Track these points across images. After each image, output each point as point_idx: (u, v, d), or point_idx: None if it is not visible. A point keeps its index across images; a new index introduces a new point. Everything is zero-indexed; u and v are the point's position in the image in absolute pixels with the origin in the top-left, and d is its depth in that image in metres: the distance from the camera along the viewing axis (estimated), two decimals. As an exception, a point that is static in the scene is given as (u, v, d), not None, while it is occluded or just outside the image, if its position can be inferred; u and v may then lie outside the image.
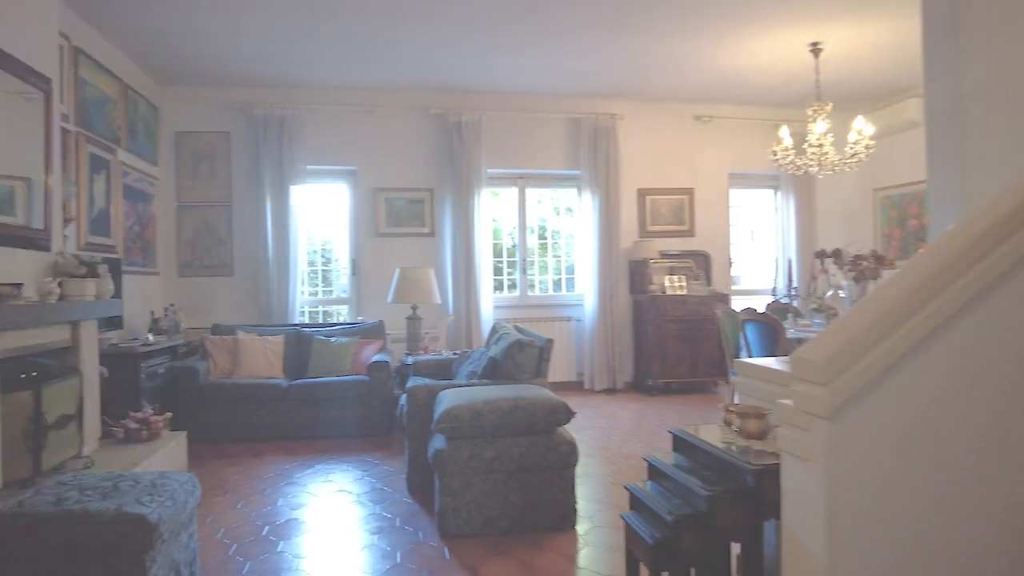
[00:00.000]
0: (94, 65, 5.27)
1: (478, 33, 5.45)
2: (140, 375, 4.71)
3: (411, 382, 4.86)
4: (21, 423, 3.18)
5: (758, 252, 8.36)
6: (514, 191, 7.43)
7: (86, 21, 5.08)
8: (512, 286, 7.46)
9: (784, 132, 5.80)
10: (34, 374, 3.42)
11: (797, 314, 5.95)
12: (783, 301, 6.93)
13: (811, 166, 5.69)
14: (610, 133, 7.27)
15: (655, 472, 2.51)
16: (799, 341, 4.78)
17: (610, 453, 4.79)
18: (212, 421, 5.28)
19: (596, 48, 5.86)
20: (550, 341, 4.18)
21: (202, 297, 6.76)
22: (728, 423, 2.49)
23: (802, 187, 7.86)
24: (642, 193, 7.55)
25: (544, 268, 7.58)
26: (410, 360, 5.63)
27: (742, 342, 5.40)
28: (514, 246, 7.48)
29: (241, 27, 5.26)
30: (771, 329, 4.77)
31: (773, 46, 5.78)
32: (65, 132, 4.77)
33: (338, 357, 5.78)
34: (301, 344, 5.97)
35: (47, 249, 3.74)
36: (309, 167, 6.79)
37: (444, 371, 5.36)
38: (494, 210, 7.37)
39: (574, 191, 7.55)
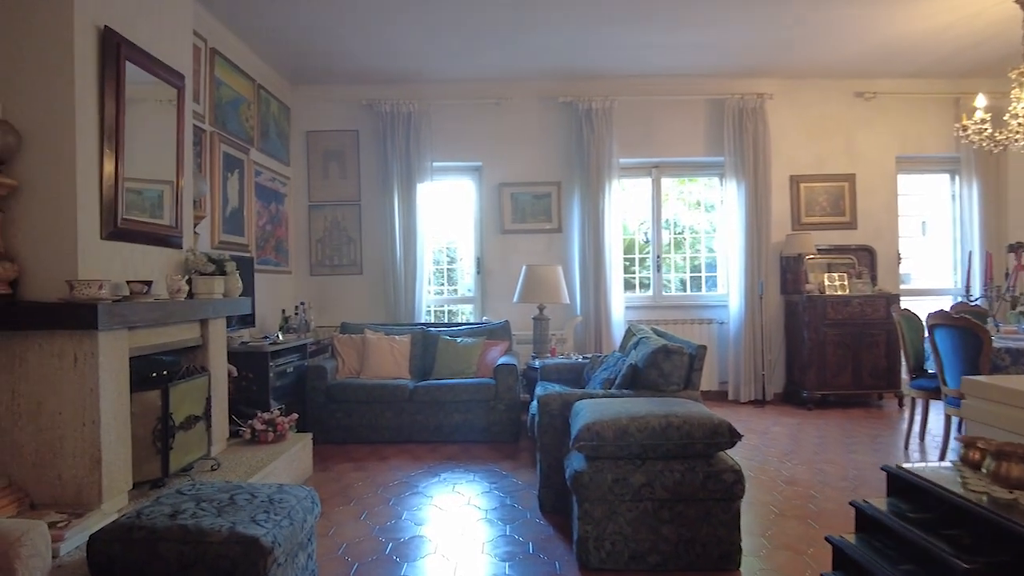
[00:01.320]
0: (229, 66, 5.32)
1: (608, 9, 4.98)
2: (269, 374, 4.66)
3: (539, 388, 4.50)
4: (150, 423, 3.10)
5: (932, 246, 7.27)
6: (647, 182, 6.87)
7: (221, 22, 5.12)
8: (644, 285, 6.91)
9: (980, 101, 4.86)
10: (164, 372, 3.36)
11: (993, 318, 5.00)
12: (973, 303, 5.91)
13: (1016, 140, 4.73)
14: (758, 114, 6.54)
15: (866, 521, 1.95)
16: (1009, 352, 3.93)
17: (768, 477, 4.16)
18: (339, 422, 5.18)
19: (740, 19, 5.21)
20: (702, 348, 3.64)
21: (332, 296, 6.76)
22: (971, 462, 1.88)
23: (988, 170, 6.72)
24: (795, 180, 6.75)
25: (679, 267, 6.96)
26: (537, 363, 5.26)
27: (928, 350, 4.57)
28: (647, 241, 6.93)
29: (367, 22, 5.11)
30: (971, 336, 3.95)
31: (956, 2, 4.88)
32: (200, 131, 4.82)
33: (464, 358, 5.52)
34: (427, 344, 5.78)
35: (178, 247, 3.70)
36: (435, 164, 6.61)
37: (574, 376, 4.95)
38: (623, 204, 6.84)
39: (715, 180, 6.89)
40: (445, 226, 6.96)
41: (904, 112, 6.80)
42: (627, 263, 6.81)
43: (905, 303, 6.22)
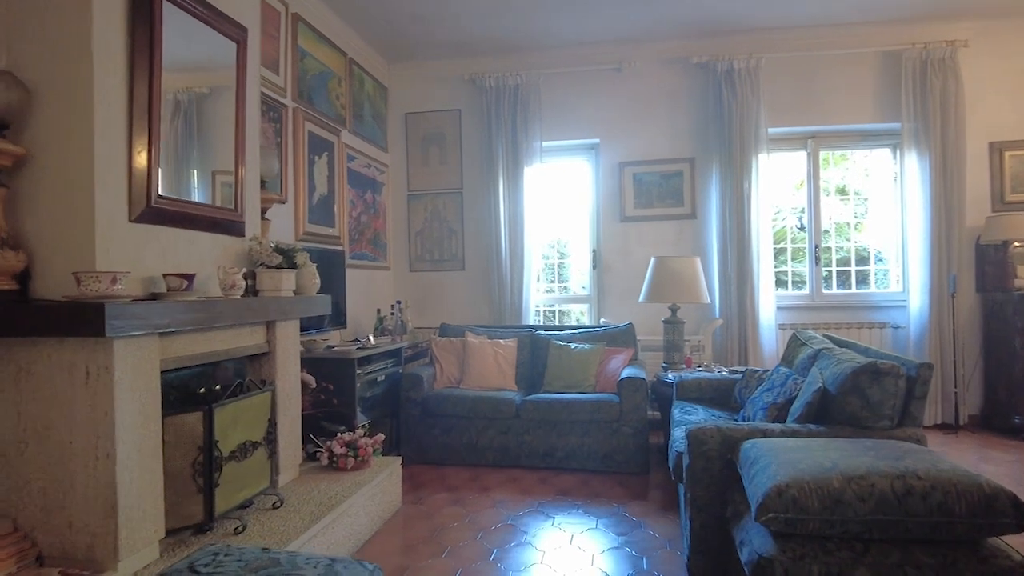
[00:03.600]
0: (315, 35, 4.73)
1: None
2: (356, 384, 4.00)
3: (677, 409, 3.56)
4: (189, 454, 2.45)
5: None
6: (802, 156, 5.69)
7: (305, -16, 4.54)
8: (797, 282, 5.73)
9: None
10: (217, 388, 2.72)
11: None
12: None
13: None
14: (947, 67, 5.21)
15: None
16: None
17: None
18: (436, 439, 4.46)
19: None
20: (926, 368, 2.55)
21: (433, 294, 6.09)
22: None
23: None
24: (996, 148, 5.34)
25: (840, 257, 5.71)
26: (671, 377, 4.29)
27: None
28: (801, 228, 5.75)
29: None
30: None
31: None
32: (281, 106, 4.24)
33: (580, 368, 4.65)
34: (536, 350, 4.96)
35: (240, 234, 3.07)
36: (545, 143, 5.78)
37: (720, 396, 3.95)
38: (774, 182, 5.70)
39: (886, 152, 5.60)
40: (557, 215, 6.10)
41: None
42: (776, 254, 5.67)
43: None
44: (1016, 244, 5.12)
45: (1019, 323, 4.86)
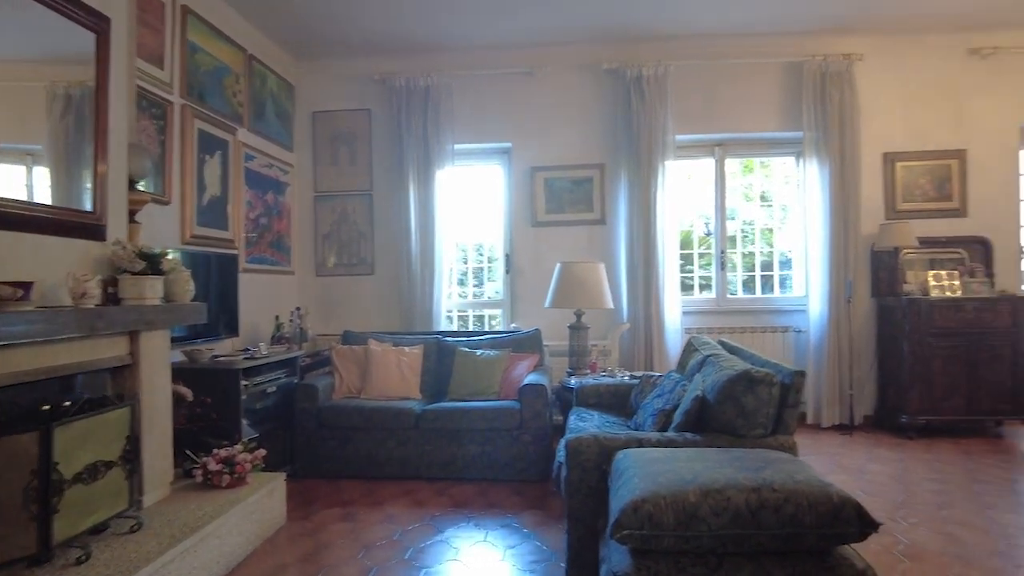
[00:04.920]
0: (208, 29, 4.50)
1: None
2: (240, 396, 3.79)
3: (574, 416, 3.53)
4: (20, 480, 2.24)
5: (1060, 238, 5.94)
6: (709, 163, 5.78)
7: (195, -26, 4.31)
8: (704, 286, 5.82)
9: None
10: (67, 404, 2.50)
11: None
12: None
13: None
14: (844, 80, 5.38)
15: None
16: None
17: (882, 546, 3.05)
18: (331, 452, 4.29)
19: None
20: (799, 375, 2.57)
21: (341, 299, 5.90)
22: None
23: None
24: (890, 159, 5.55)
25: (745, 264, 5.83)
26: (573, 382, 4.26)
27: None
28: (707, 234, 5.84)
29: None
30: None
31: None
32: (165, 103, 4.00)
33: (485, 375, 4.57)
34: (443, 357, 4.85)
35: (100, 238, 2.85)
36: (457, 146, 5.68)
37: (619, 401, 3.93)
38: (681, 189, 5.78)
39: (791, 160, 5.75)
40: (469, 218, 6.01)
41: (1029, 73, 5.53)
42: (683, 260, 5.74)
43: (1034, 308, 4.98)
44: (906, 251, 5.34)
45: (907, 327, 5.06)
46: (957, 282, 5.18)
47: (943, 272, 5.23)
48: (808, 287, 5.47)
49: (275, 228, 5.47)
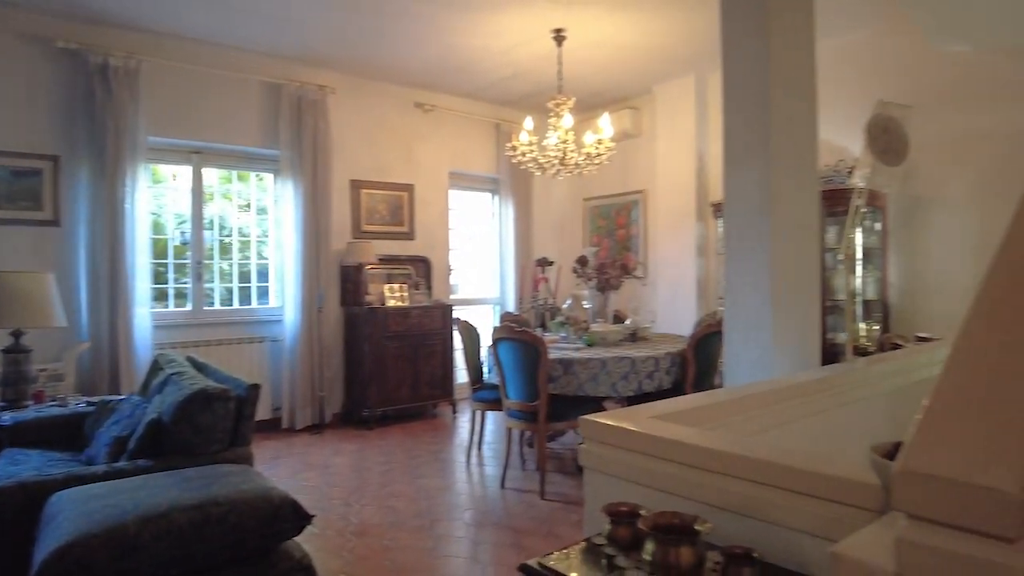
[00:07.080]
0: None
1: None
2: None
3: (3, 463, 3.00)
4: None
5: (478, 259, 7.74)
6: (187, 170, 5.58)
7: None
8: (181, 297, 5.60)
9: (528, 123, 5.15)
10: None
11: (542, 327, 5.36)
12: (517, 313, 6.37)
13: (552, 164, 5.14)
14: (319, 108, 5.91)
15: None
16: (561, 363, 4.10)
17: (336, 531, 3.51)
18: None
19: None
20: (254, 388, 2.75)
21: None
22: (621, 541, 1.47)
23: (520, 192, 7.44)
24: (356, 186, 6.33)
25: (225, 274, 5.85)
26: (7, 419, 3.58)
27: (490, 362, 4.58)
28: (184, 243, 5.63)
29: None
30: (531, 349, 4.00)
31: (510, 25, 5.08)
32: None
33: None
34: None
35: None
36: None
37: (72, 433, 3.48)
38: (156, 195, 5.45)
39: (271, 176, 6.00)
40: None
41: (457, 129, 7.04)
42: (160, 270, 5.41)
43: (456, 312, 6.38)
44: (369, 266, 6.17)
45: (367, 331, 5.86)
46: (406, 293, 6.26)
47: (396, 285, 6.24)
48: (284, 298, 5.80)
49: None
